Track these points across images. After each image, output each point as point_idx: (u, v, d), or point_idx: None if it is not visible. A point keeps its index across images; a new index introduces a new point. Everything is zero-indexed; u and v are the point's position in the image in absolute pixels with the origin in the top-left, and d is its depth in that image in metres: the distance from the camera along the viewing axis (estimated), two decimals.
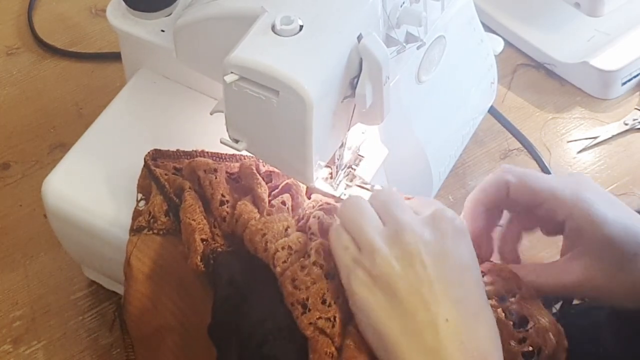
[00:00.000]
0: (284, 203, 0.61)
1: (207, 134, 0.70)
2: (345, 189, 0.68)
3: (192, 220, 0.60)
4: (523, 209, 0.59)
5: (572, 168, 0.90)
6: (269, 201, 0.61)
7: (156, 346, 0.63)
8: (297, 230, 0.59)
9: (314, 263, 0.55)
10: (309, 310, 0.53)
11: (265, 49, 0.54)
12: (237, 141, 0.60)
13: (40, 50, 1.02)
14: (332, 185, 0.67)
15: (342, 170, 0.68)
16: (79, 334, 0.78)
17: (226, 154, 0.65)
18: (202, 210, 0.61)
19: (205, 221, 0.60)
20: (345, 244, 0.54)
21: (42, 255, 0.83)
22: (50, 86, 0.98)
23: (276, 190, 0.62)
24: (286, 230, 0.58)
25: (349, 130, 0.61)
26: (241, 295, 0.57)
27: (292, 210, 0.61)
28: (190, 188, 0.62)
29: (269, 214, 0.59)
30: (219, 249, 0.59)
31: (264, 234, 0.57)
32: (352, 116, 0.60)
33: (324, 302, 0.54)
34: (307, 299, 0.54)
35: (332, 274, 0.55)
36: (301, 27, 0.55)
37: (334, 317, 0.53)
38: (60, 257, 0.82)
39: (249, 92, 0.54)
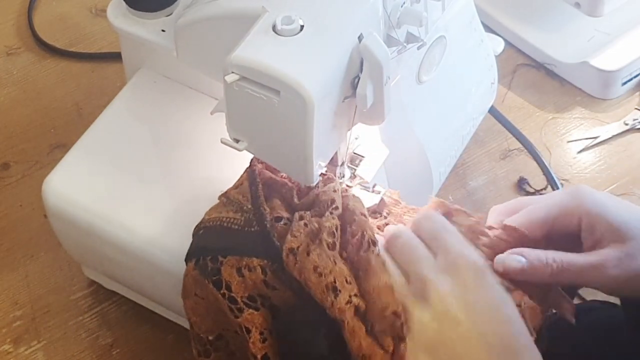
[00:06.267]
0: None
1: (207, 133, 0.70)
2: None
3: None
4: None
5: (572, 168, 0.90)
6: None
7: None
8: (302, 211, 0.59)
9: (328, 245, 0.55)
10: (340, 291, 0.54)
11: (266, 49, 0.54)
12: (237, 141, 0.59)
13: (40, 50, 1.02)
14: None
15: (343, 170, 0.67)
16: (79, 334, 0.78)
17: None
18: None
19: None
20: None
21: (42, 255, 0.83)
22: (50, 86, 0.98)
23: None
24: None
25: (349, 130, 0.61)
26: None
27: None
28: None
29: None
30: None
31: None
32: (353, 116, 0.60)
33: (346, 281, 0.54)
34: (335, 281, 0.54)
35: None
36: (302, 27, 0.55)
37: (357, 293, 0.54)
38: (60, 257, 0.82)
39: (250, 92, 0.54)
